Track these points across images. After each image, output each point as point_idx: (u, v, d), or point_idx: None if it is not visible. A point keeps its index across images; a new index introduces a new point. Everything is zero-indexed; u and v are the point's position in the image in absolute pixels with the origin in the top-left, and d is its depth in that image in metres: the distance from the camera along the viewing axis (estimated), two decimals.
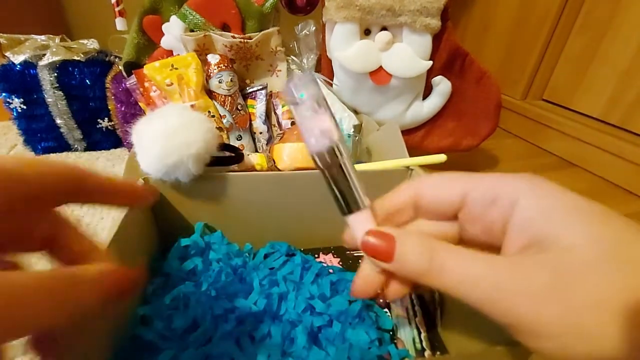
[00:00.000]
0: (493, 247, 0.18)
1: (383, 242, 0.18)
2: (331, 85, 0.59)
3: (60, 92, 0.59)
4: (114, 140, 0.67)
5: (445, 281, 0.16)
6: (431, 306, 0.33)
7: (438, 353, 0.29)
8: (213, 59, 0.51)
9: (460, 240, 0.20)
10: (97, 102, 0.61)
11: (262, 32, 0.54)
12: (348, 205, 0.19)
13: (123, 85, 0.55)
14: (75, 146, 0.65)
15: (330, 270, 0.35)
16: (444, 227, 0.20)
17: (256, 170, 0.45)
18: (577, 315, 0.14)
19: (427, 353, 0.28)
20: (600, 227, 0.15)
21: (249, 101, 0.55)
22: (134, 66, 0.53)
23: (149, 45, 0.57)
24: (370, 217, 0.20)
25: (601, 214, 0.15)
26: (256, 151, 0.54)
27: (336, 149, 0.18)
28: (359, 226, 0.20)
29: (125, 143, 0.65)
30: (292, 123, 0.54)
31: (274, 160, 0.45)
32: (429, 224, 0.21)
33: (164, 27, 0.55)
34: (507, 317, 0.15)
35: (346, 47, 0.55)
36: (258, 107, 0.54)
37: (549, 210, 0.15)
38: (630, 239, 0.14)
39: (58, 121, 0.61)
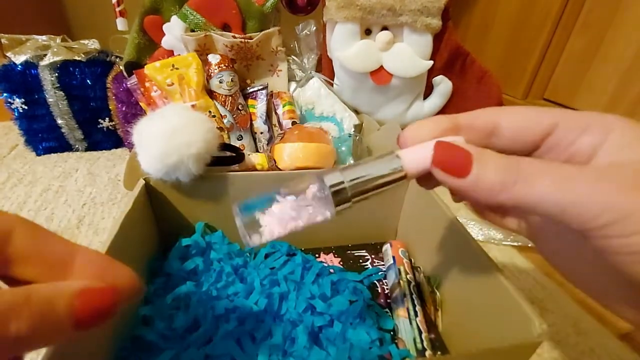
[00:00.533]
0: None
1: (457, 155, 0.16)
2: (332, 85, 0.59)
3: (61, 92, 0.59)
4: (114, 140, 0.67)
5: (534, 191, 0.15)
6: (432, 306, 0.33)
7: (439, 353, 0.29)
8: (214, 59, 0.51)
9: None
10: (98, 102, 0.61)
11: (263, 32, 0.54)
12: (395, 179, 0.18)
13: (124, 85, 0.55)
14: (76, 146, 0.65)
15: (331, 270, 0.35)
16: None
17: (257, 170, 0.45)
18: None
19: (427, 353, 0.28)
20: None
21: (250, 101, 0.55)
22: (134, 66, 0.53)
23: (149, 45, 0.57)
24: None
25: None
26: (257, 151, 0.54)
27: (337, 194, 0.17)
28: (415, 155, 0.18)
29: (126, 143, 0.65)
30: (293, 123, 0.54)
31: (274, 160, 0.45)
32: None
33: (165, 27, 0.55)
34: (604, 216, 0.14)
35: (347, 47, 0.55)
36: (259, 107, 0.54)
37: None
38: None
39: (59, 121, 0.61)
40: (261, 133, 0.54)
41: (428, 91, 0.61)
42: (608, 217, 0.14)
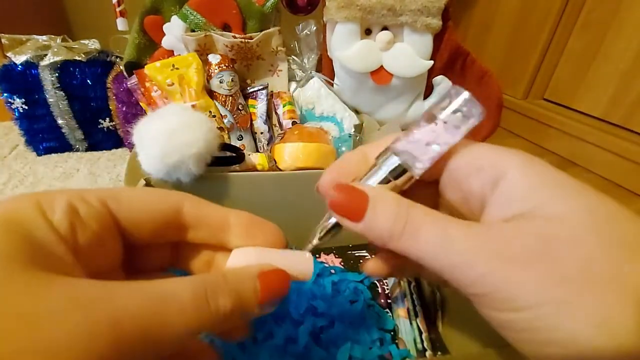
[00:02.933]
0: (470, 219, 0.17)
1: (353, 199, 0.16)
2: (332, 85, 0.59)
3: (61, 93, 0.59)
4: (115, 140, 0.67)
5: (418, 246, 0.15)
6: (432, 307, 0.33)
7: (439, 353, 0.29)
8: (214, 59, 0.51)
9: (436, 207, 0.19)
10: (99, 102, 0.61)
11: (263, 32, 0.54)
12: None
13: (124, 85, 0.55)
14: (77, 146, 0.65)
15: (332, 271, 0.35)
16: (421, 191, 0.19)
17: (257, 170, 0.45)
18: (561, 285, 0.12)
19: (428, 353, 0.28)
20: (591, 202, 0.14)
21: (250, 101, 0.55)
22: (135, 66, 0.53)
23: (150, 45, 0.57)
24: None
25: (593, 193, 0.14)
26: (257, 151, 0.54)
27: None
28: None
29: (126, 143, 0.65)
30: (293, 123, 0.54)
31: (275, 160, 0.45)
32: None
33: (165, 27, 0.55)
34: (479, 286, 0.14)
35: (347, 47, 0.55)
36: (259, 107, 0.54)
37: (538, 184, 0.14)
38: (621, 217, 0.13)
39: (59, 121, 0.61)
40: (261, 133, 0.54)
41: (428, 91, 0.61)
42: (481, 288, 0.14)
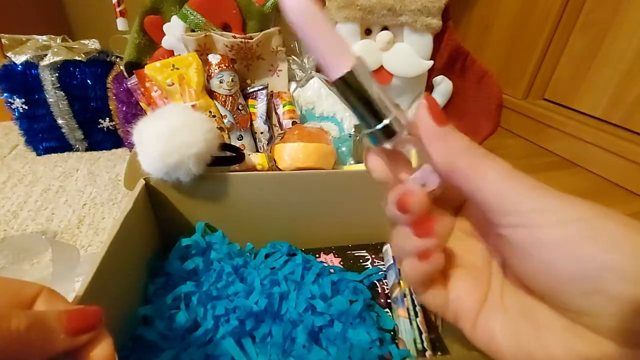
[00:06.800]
0: None
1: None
2: None
3: (61, 92, 0.59)
4: (115, 140, 0.67)
5: (481, 171, 0.17)
6: None
7: (439, 353, 0.29)
8: (214, 58, 0.51)
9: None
10: (99, 102, 0.62)
11: (263, 32, 0.54)
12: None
13: (124, 85, 0.55)
14: (77, 146, 0.65)
15: (331, 270, 0.35)
16: None
17: (257, 170, 0.45)
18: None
19: (428, 353, 0.28)
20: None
21: (250, 101, 0.55)
22: (135, 66, 0.53)
23: (150, 45, 0.57)
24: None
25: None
26: (257, 151, 0.54)
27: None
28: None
29: (126, 143, 0.65)
30: (293, 123, 0.54)
31: (274, 160, 0.45)
32: None
33: (165, 27, 0.55)
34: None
35: None
36: (259, 107, 0.54)
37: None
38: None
39: (59, 121, 0.61)
40: (261, 133, 0.54)
41: (428, 91, 0.61)
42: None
